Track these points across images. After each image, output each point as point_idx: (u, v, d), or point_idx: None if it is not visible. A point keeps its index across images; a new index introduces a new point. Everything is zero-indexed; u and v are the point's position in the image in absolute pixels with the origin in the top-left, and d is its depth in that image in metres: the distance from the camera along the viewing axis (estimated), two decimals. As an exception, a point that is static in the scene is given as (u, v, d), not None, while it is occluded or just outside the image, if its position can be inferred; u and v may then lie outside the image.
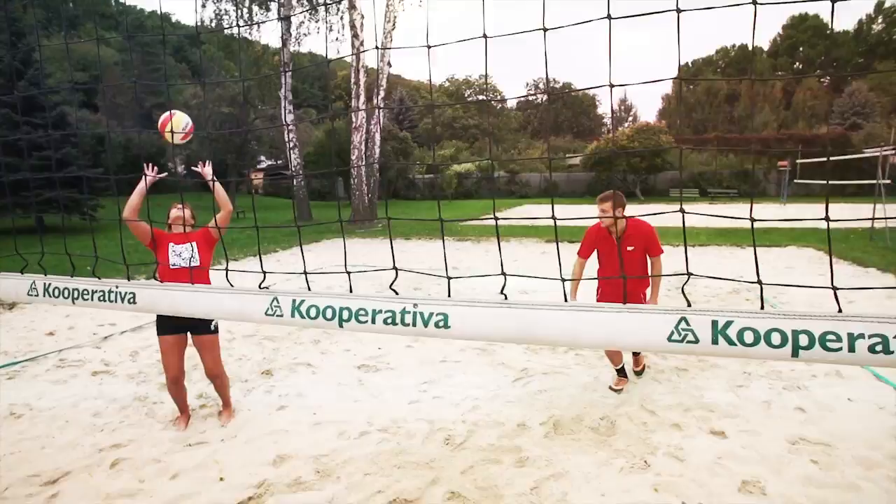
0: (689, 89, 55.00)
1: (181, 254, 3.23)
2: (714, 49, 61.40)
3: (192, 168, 3.29)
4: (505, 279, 1.43)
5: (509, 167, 33.68)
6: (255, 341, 5.27)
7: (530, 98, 61.47)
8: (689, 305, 1.23)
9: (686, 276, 1.30)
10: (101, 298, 1.60)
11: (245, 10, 17.87)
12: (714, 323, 1.15)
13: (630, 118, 56.65)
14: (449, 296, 1.38)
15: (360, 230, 15.24)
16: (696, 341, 1.16)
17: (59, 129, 15.04)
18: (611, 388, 3.86)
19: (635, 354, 4.11)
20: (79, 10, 51.65)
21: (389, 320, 1.38)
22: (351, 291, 1.48)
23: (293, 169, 18.42)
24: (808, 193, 25.92)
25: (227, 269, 1.66)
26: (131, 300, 1.57)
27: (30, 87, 14.76)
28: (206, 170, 3.26)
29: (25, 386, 4.23)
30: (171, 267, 3.19)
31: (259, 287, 1.53)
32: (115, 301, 1.58)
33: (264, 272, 1.60)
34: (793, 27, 55.25)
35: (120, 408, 3.76)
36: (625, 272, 3.37)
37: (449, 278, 1.52)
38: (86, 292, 1.63)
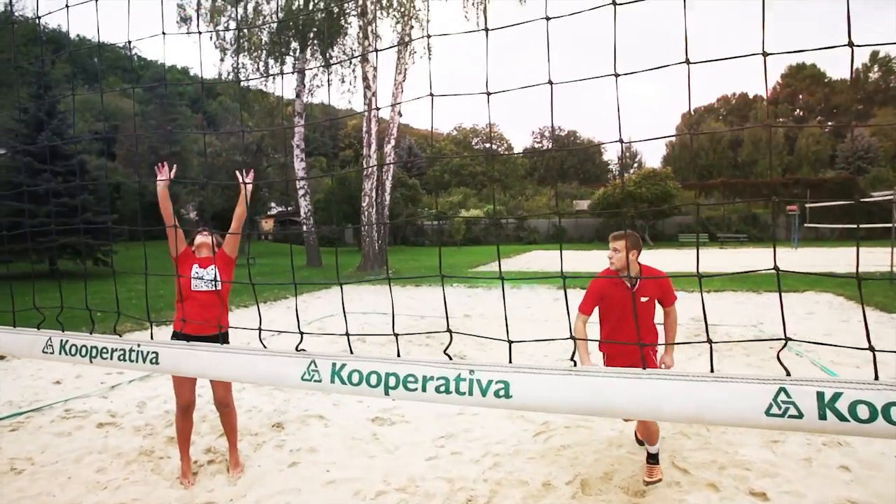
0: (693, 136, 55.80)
1: (203, 276, 3.24)
2: (715, 97, 62.78)
3: (236, 171, 3.28)
4: (575, 345, 1.32)
5: (518, 212, 33.90)
6: (265, 391, 5.12)
7: (536, 146, 62.59)
8: (789, 374, 1.10)
9: (783, 342, 1.18)
10: (122, 358, 1.51)
11: (261, 63, 18.52)
12: (820, 395, 1.02)
13: (635, 164, 57.34)
14: (510, 361, 1.24)
15: (369, 276, 15.20)
16: (800, 416, 1.02)
17: (77, 176, 15.36)
18: (645, 481, 3.13)
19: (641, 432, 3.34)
20: (103, 65, 53.83)
21: (442, 388, 1.24)
22: (398, 355, 1.33)
23: (304, 215, 18.60)
24: (817, 237, 25.77)
25: (260, 329, 1.55)
26: (154, 360, 1.47)
27: (53, 136, 15.19)
28: (248, 178, 3.26)
29: (29, 438, 4.09)
30: (193, 288, 3.20)
31: (296, 349, 1.41)
32: (136, 361, 1.48)
33: (301, 332, 1.49)
34: (791, 76, 56.54)
35: (125, 463, 3.60)
36: (639, 327, 2.85)
37: (510, 342, 1.37)
38: (105, 351, 1.54)
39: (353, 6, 17.77)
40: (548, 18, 1.34)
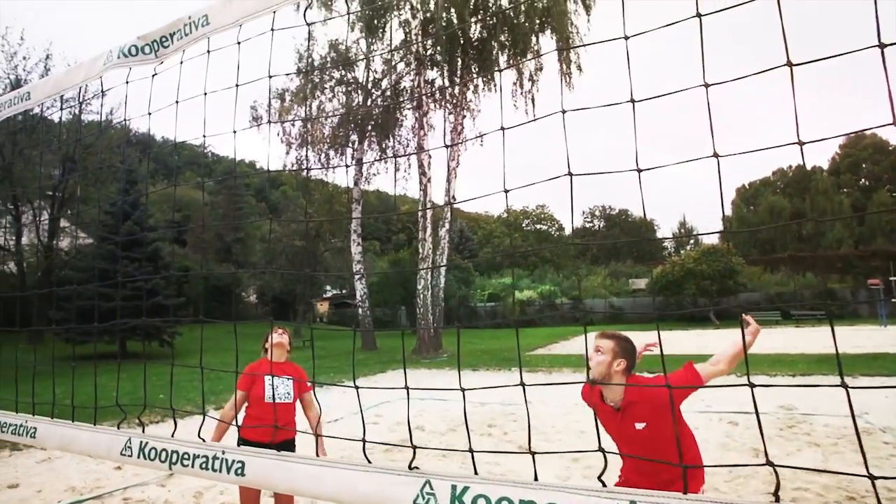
0: (751, 210, 54.25)
1: (277, 388, 3.09)
2: (771, 170, 61.45)
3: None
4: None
5: (572, 293, 33.22)
6: None
7: (587, 226, 62.43)
8: None
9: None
10: (204, 466, 1.41)
11: (323, 155, 19.75)
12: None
13: (692, 240, 55.85)
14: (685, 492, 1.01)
15: (425, 360, 14.94)
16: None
17: (153, 262, 16.38)
18: None
19: None
20: (181, 162, 59.12)
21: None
22: (522, 479, 1.09)
23: (360, 298, 18.88)
24: (907, 314, 23.62)
25: (364, 440, 1.38)
26: (239, 471, 1.35)
27: (134, 226, 16.45)
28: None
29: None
30: (266, 400, 3.05)
31: (409, 467, 1.22)
32: (220, 471, 1.37)
33: (414, 447, 1.32)
34: (850, 146, 54.89)
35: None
36: (637, 461, 2.23)
37: (685, 468, 1.12)
38: (186, 457, 1.44)
39: (409, 100, 18.95)
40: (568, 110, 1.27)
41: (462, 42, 18.98)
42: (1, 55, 21.60)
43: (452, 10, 19.18)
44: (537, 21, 18.97)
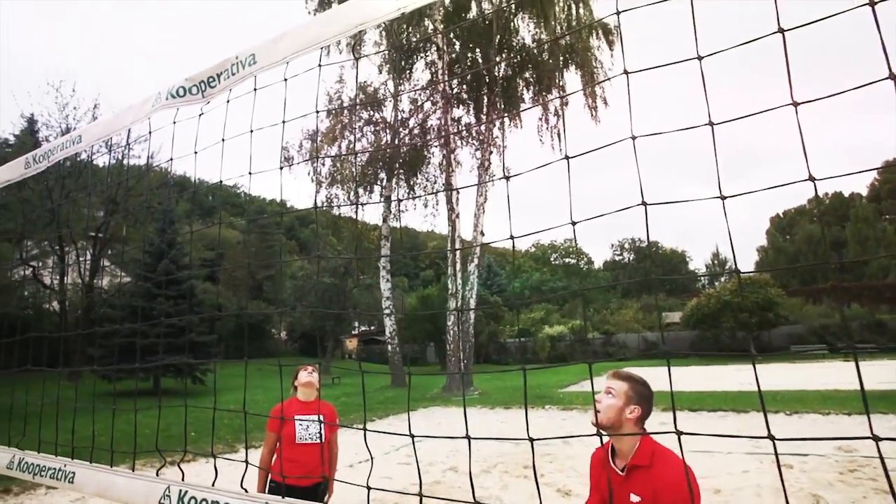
0: (787, 239, 52.71)
1: (308, 427, 3.08)
2: (806, 198, 59.84)
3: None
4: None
5: (604, 328, 32.49)
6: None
7: (616, 259, 61.54)
8: None
9: None
10: (246, 517, 1.34)
11: (352, 193, 20.09)
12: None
13: (726, 272, 54.38)
14: None
15: (455, 397, 14.65)
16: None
17: (186, 300, 16.71)
18: None
19: None
20: (215, 202, 61.05)
21: None
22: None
23: (389, 334, 18.80)
24: (967, 348, 22.22)
25: (420, 495, 1.27)
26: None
27: (170, 264, 16.91)
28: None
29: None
30: (297, 441, 3.03)
31: None
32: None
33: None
34: (890, 171, 53.18)
35: None
36: None
37: None
38: (227, 511, 1.36)
39: (435, 138, 19.26)
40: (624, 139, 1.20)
41: (487, 80, 19.35)
42: (54, 106, 22.93)
43: (477, 49, 19.66)
44: (561, 57, 19.25)
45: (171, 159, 1.81)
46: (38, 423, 2.24)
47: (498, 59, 18.40)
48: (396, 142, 20.22)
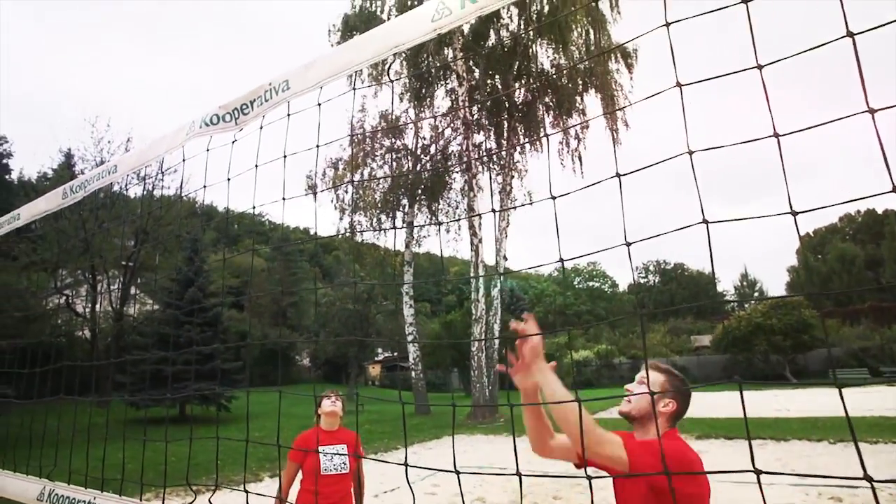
0: (819, 259, 51.21)
1: (332, 458, 3.01)
2: (837, 216, 58.30)
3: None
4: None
5: (631, 352, 31.77)
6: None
7: (642, 281, 60.50)
8: None
9: None
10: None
11: (374, 220, 20.28)
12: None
13: (756, 293, 53.01)
14: None
15: (481, 425, 14.38)
16: None
17: (213, 327, 16.91)
18: None
19: None
20: (241, 231, 62.29)
21: None
22: None
23: (413, 361, 18.68)
24: None
25: None
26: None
27: (197, 292, 17.18)
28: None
29: None
30: (323, 472, 2.95)
31: None
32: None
33: None
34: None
35: None
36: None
37: None
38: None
39: (457, 163, 19.40)
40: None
41: (507, 105, 19.52)
42: (90, 140, 23.80)
43: (497, 76, 19.89)
44: (581, 82, 19.34)
45: (205, 186, 1.82)
46: (69, 452, 2.24)
47: (517, 84, 18.58)
48: (418, 168, 20.43)
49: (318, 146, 1.56)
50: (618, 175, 1.23)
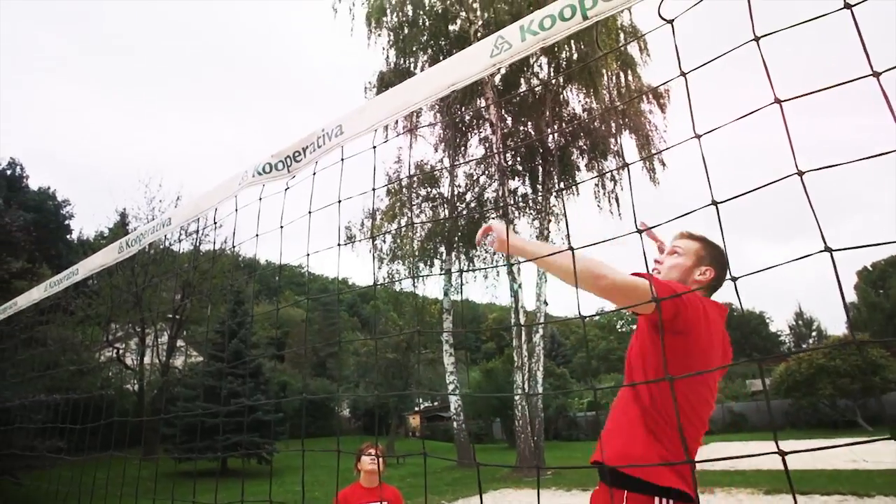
0: (881, 294, 48.23)
1: None
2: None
3: None
4: None
5: (681, 398, 30.25)
6: None
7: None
8: None
9: None
10: None
11: (412, 268, 20.36)
12: None
13: (814, 333, 50.09)
14: None
15: (527, 479, 13.72)
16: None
17: (254, 378, 17.02)
18: None
19: None
20: (281, 283, 63.68)
21: None
22: None
23: (454, 411, 18.21)
24: None
25: None
26: None
27: (239, 343, 17.43)
28: None
29: None
30: None
31: None
32: None
33: None
34: None
35: None
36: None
37: None
38: None
39: (493, 209, 19.47)
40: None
41: (542, 150, 19.65)
42: (143, 200, 25.14)
43: (529, 122, 20.16)
44: (614, 124, 19.37)
45: (257, 235, 1.81)
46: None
47: (550, 130, 18.74)
48: (454, 214, 20.59)
49: (373, 189, 1.53)
50: (638, 231, 1.17)
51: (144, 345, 20.78)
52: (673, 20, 0.97)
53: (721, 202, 0.87)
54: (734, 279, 1.02)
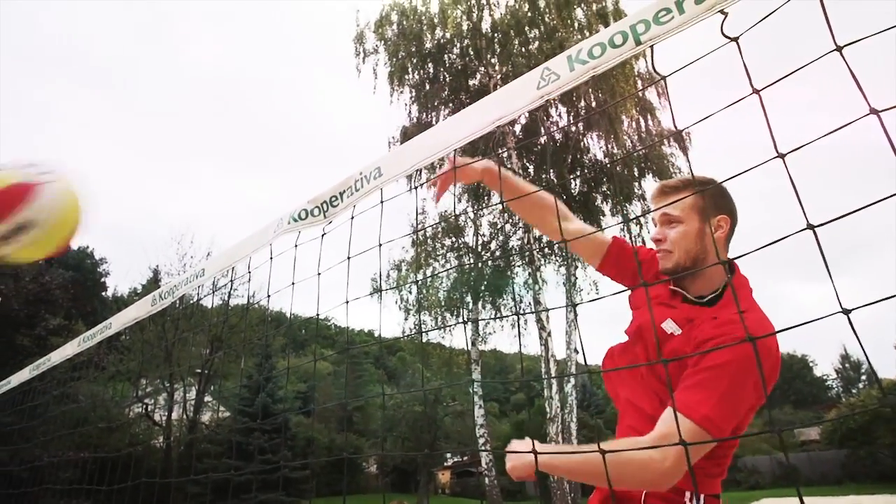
0: (932, 338, 45.68)
1: None
2: (943, 291, 52.74)
3: None
4: None
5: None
6: None
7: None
8: None
9: None
10: None
11: (439, 318, 20.17)
12: None
13: (863, 376, 47.36)
14: None
15: (566, 539, 12.93)
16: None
17: (280, 433, 16.75)
18: None
19: None
20: (307, 336, 63.84)
21: None
22: None
23: (486, 466, 17.50)
24: None
25: None
26: None
27: (266, 398, 17.29)
28: None
29: None
30: None
31: None
32: None
33: None
34: None
35: None
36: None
37: None
38: None
39: (520, 258, 19.36)
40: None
41: (564, 197, 19.67)
42: (175, 256, 25.86)
43: (552, 171, 20.30)
44: (636, 168, 19.36)
45: (294, 283, 1.76)
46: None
47: (571, 176, 18.82)
48: (479, 265, 20.53)
49: (415, 230, 1.47)
50: (653, 283, 1.07)
51: (173, 400, 20.76)
52: (738, 38, 0.91)
53: (818, 226, 0.78)
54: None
